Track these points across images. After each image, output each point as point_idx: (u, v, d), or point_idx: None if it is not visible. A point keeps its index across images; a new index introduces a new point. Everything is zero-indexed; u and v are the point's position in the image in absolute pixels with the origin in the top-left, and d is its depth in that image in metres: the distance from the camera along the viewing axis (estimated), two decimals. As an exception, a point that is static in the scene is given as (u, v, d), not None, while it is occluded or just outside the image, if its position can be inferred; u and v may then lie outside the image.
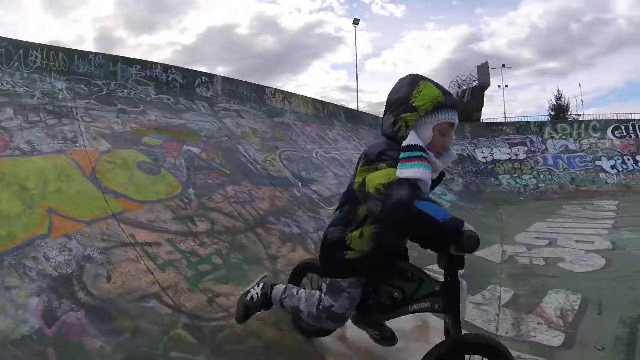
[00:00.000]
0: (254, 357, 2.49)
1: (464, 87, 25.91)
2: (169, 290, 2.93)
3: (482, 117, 26.13)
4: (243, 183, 5.53)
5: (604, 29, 68.46)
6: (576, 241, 7.01)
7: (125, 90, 6.85)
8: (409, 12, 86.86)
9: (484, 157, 17.06)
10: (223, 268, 3.51)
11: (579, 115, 30.03)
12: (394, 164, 1.67)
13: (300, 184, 6.54)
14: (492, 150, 17.44)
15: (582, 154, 17.11)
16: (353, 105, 28.02)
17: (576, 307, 3.77)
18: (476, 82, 25.33)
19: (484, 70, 25.62)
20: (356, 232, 1.94)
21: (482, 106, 25.83)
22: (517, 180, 15.89)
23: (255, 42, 78.08)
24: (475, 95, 25.19)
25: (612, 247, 6.64)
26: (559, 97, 33.33)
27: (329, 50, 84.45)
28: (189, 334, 2.52)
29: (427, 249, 1.77)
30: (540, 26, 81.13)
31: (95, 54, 7.04)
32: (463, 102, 24.61)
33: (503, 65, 33.97)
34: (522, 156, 17.12)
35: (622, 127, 18.22)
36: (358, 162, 1.91)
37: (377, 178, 1.67)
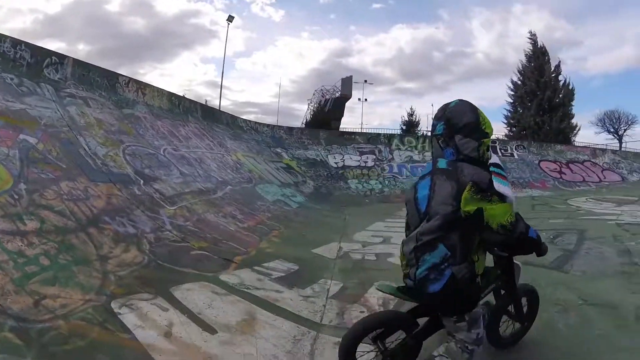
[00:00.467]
0: (79, 357, 2.52)
1: (327, 97, 27.40)
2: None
3: (341, 126, 28.14)
4: (79, 179, 5.31)
5: (463, 60, 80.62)
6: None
7: None
8: (287, 18, 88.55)
9: (336, 163, 18.54)
10: (51, 270, 3.43)
11: (429, 131, 34.31)
12: (502, 197, 1.89)
13: (142, 181, 6.47)
14: (343, 157, 19.02)
15: (424, 164, 19.38)
16: (217, 103, 27.56)
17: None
18: (339, 93, 26.75)
19: (347, 83, 27.31)
20: (478, 261, 2.03)
21: (342, 116, 27.66)
22: (365, 184, 17.52)
23: (125, 22, 70.28)
24: (336, 105, 26.79)
25: None
26: (411, 114, 37.36)
27: (200, 43, 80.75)
28: (16, 337, 2.49)
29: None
30: (406, 51, 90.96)
31: None
32: (325, 111, 26.15)
33: (365, 81, 36.98)
34: (370, 163, 18.99)
35: None
36: (444, 186, 1.99)
37: (500, 216, 1.85)
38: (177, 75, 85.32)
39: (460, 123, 2.03)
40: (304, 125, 27.63)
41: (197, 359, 2.67)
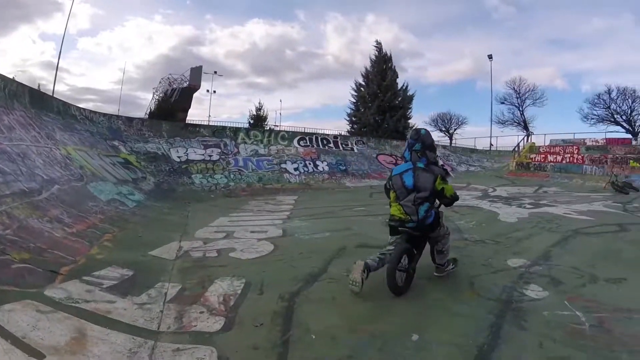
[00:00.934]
0: None
1: (175, 86, 26.36)
2: None
3: (188, 118, 27.47)
4: None
5: (313, 60, 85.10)
6: (251, 232, 7.91)
7: None
8: None
9: (179, 157, 17.96)
10: None
11: (277, 126, 35.93)
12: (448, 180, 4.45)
13: None
14: (187, 150, 18.55)
15: (269, 157, 20.37)
16: (55, 87, 23.99)
17: (239, 291, 4.24)
18: (187, 83, 25.99)
19: (197, 73, 26.63)
20: (439, 208, 4.47)
21: (189, 107, 27.06)
22: (209, 179, 17.29)
23: None
24: (184, 95, 26.04)
25: (283, 234, 7.70)
26: (259, 109, 38.46)
27: (42, 15, 66.75)
28: None
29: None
30: (260, 46, 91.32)
31: None
32: (170, 101, 25.19)
33: (215, 72, 36.64)
34: (215, 157, 18.88)
35: (307, 138, 23.34)
36: (426, 176, 4.22)
37: (449, 191, 4.28)
38: (11, 52, 69.06)
39: (427, 144, 4.30)
40: (147, 116, 26.12)
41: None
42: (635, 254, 6.33)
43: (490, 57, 35.55)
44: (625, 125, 34.23)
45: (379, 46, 35.15)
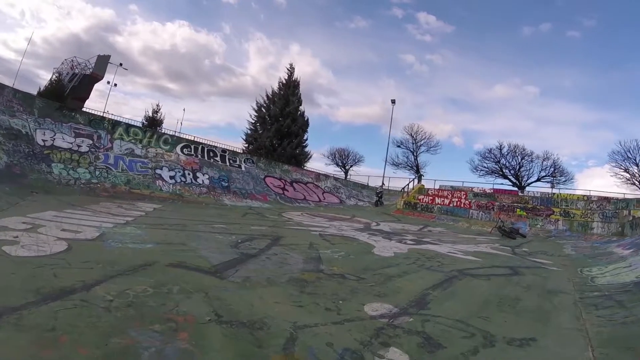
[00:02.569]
0: None
1: (77, 72, 24.88)
2: None
3: (84, 110, 25.70)
4: None
5: (231, 78, 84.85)
6: (62, 230, 6.92)
7: None
8: None
9: (44, 140, 16.17)
10: None
11: (176, 133, 34.12)
12: None
13: None
14: (54, 135, 16.67)
15: (145, 160, 18.59)
16: None
17: None
18: (91, 70, 24.73)
19: (102, 62, 24.66)
20: None
21: (87, 97, 25.07)
22: (71, 172, 15.60)
23: None
24: (83, 83, 24.49)
25: (96, 237, 6.82)
26: (156, 111, 34.51)
27: None
28: None
29: None
30: (180, 49, 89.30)
31: None
32: (68, 86, 23.58)
33: (120, 64, 34.67)
34: (84, 149, 17.06)
35: (192, 147, 21.86)
36: None
37: None
38: None
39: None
40: (37, 95, 24.25)
41: None
42: (537, 303, 5.20)
43: (393, 101, 37.44)
44: (512, 179, 36.69)
45: (291, 70, 34.78)
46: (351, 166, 44.69)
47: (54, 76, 25.77)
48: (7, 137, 14.73)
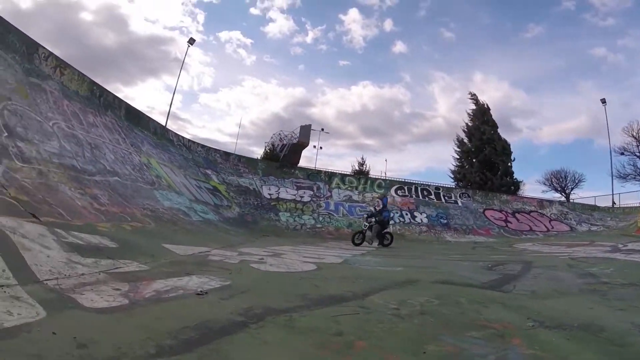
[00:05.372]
0: None
1: (285, 142, 27.66)
2: None
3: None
4: None
5: (422, 123, 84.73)
6: (304, 256, 7.05)
7: None
8: (257, 64, 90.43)
9: (270, 194, 18.09)
10: None
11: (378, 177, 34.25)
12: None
13: (5, 134, 6.00)
14: (279, 189, 18.62)
15: (363, 204, 19.33)
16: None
17: (198, 290, 3.31)
18: (297, 139, 27.18)
19: (306, 131, 27.65)
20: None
21: (297, 162, 27.77)
22: (297, 218, 17.07)
23: (95, 32, 69.44)
24: (293, 151, 27.05)
25: (340, 262, 6.68)
26: (361, 164, 35.39)
27: (168, 72, 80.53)
28: None
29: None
30: (370, 107, 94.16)
31: None
32: (280, 155, 26.22)
33: (322, 129, 37.33)
34: (306, 199, 18.65)
35: (405, 187, 21.62)
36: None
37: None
38: (139, 99, 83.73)
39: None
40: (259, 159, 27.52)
41: None
42: None
43: (603, 101, 29.53)
44: None
45: (474, 97, 32.22)
46: (572, 189, 36.34)
47: (267, 148, 28.96)
48: (237, 193, 16.91)
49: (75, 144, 8.22)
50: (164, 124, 17.85)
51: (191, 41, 28.72)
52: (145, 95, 77.40)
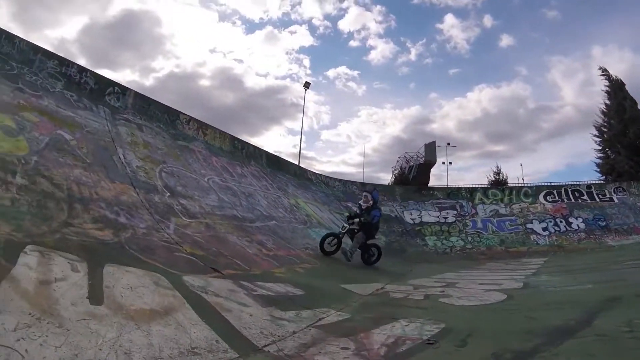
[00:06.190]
0: None
1: (412, 163, 26.66)
2: None
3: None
4: (97, 172, 5.43)
5: (550, 115, 74.36)
6: (480, 283, 6.73)
7: (35, 78, 7.00)
8: (369, 92, 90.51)
9: (412, 219, 17.30)
10: (4, 208, 3.46)
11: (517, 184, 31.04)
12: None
13: (168, 194, 6.41)
14: (421, 213, 17.71)
15: (513, 217, 17.55)
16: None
17: (424, 337, 3.05)
18: (423, 159, 26.04)
19: (431, 149, 26.44)
20: None
21: (428, 182, 26.37)
22: (444, 242, 15.98)
23: (215, 95, 78.17)
24: (421, 171, 25.86)
25: (522, 286, 6.20)
26: (497, 173, 33.60)
27: (288, 117, 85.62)
28: None
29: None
30: (490, 111, 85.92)
31: (22, 39, 7.23)
32: (409, 178, 25.24)
33: (448, 144, 35.05)
34: (451, 219, 17.38)
35: (555, 192, 19.00)
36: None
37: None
38: (267, 146, 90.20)
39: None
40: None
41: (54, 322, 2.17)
42: None
43: None
44: None
45: (605, 73, 27.16)
46: None
47: (394, 173, 28.14)
48: (380, 222, 15.86)
49: (232, 194, 8.65)
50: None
51: (307, 85, 30.04)
52: (271, 142, 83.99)
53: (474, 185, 21.65)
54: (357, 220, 8.34)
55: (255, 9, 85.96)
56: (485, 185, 22.57)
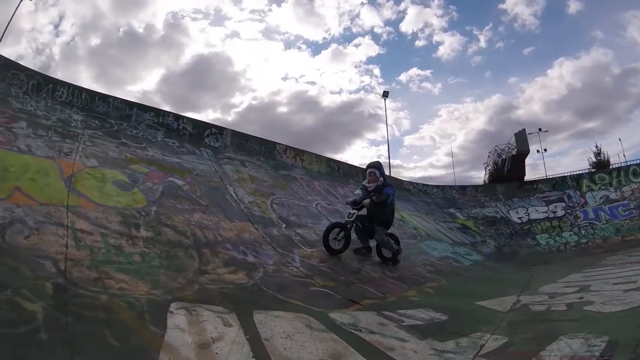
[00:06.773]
0: (88, 323, 2.44)
1: (504, 157, 24.93)
2: (69, 261, 3.05)
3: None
4: (216, 214, 5.55)
5: (639, 78, 65.64)
6: (614, 284, 6.09)
7: (135, 131, 7.53)
8: (445, 89, 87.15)
9: (519, 218, 16.09)
10: (135, 265, 3.43)
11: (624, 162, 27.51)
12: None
13: (284, 225, 6.43)
14: (527, 210, 16.44)
15: (625, 202, 15.70)
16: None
17: (597, 353, 2.84)
18: (515, 150, 24.32)
19: (521, 138, 24.52)
20: None
21: (524, 174, 24.37)
22: (557, 238, 14.67)
23: (294, 119, 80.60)
24: (515, 163, 24.09)
25: None
26: (597, 154, 29.46)
27: (368, 129, 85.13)
28: (52, 287, 2.64)
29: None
30: (575, 85, 77.32)
31: (115, 98, 7.89)
32: (504, 171, 23.62)
33: (540, 130, 32.21)
34: (560, 213, 15.96)
35: None
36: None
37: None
38: (352, 160, 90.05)
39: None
40: (496, 183, 25.53)
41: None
42: None
43: None
44: None
45: None
46: None
47: (488, 168, 26.60)
48: (486, 225, 15.43)
49: (341, 218, 8.40)
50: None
51: (385, 94, 29.67)
52: (354, 155, 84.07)
53: (578, 172, 19.66)
54: (367, 201, 6.18)
55: (317, 31, 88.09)
56: (590, 170, 20.21)
